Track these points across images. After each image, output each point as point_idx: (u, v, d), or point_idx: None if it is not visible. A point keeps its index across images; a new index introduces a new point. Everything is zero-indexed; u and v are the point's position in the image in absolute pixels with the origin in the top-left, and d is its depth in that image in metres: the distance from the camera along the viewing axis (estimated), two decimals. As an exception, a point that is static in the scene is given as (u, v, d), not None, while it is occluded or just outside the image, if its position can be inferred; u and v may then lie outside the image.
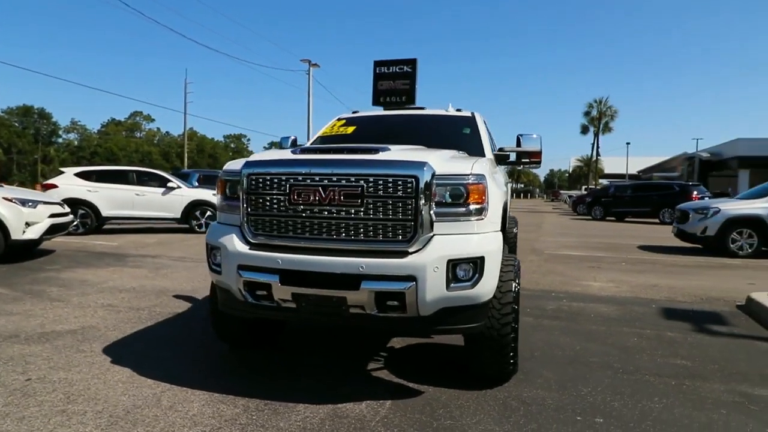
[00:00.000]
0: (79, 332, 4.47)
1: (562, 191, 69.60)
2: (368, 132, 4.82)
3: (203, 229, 13.18)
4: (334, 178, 3.02)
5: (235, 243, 3.23)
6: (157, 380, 3.44)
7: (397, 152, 3.19)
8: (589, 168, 56.58)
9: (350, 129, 4.94)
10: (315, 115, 36.13)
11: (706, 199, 20.77)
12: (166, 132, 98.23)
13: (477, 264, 3.00)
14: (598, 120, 45.88)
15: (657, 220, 22.28)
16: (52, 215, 8.34)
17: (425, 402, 3.21)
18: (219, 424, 2.87)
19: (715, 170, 46.15)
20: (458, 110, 5.20)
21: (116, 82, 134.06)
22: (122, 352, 3.99)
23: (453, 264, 2.95)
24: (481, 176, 3.10)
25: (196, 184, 16.38)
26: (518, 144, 4.56)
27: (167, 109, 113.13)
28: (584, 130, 50.10)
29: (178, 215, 13.05)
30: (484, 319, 3.15)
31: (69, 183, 12.26)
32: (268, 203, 3.18)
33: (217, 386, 3.34)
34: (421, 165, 2.98)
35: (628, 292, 6.73)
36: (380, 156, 3.11)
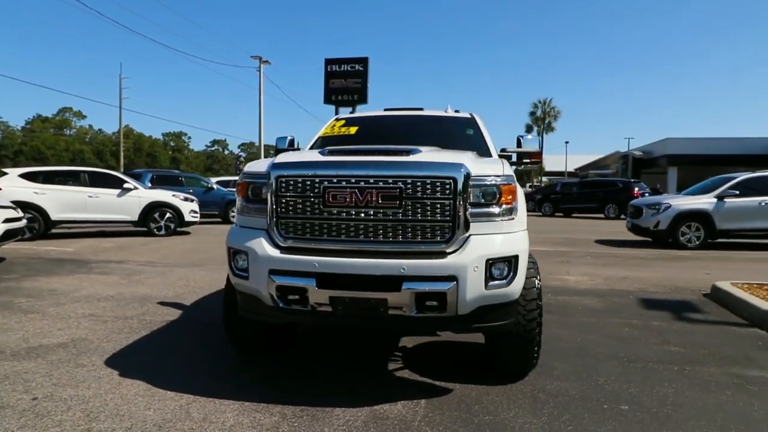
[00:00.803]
0: (70, 345, 4.19)
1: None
2: (372, 132, 4.80)
3: (163, 232, 12.64)
4: (371, 180, 3.01)
5: (264, 247, 3.14)
6: (178, 392, 3.29)
7: (428, 154, 3.22)
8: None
9: (353, 129, 4.91)
10: (266, 114, 35.36)
11: (646, 195, 22.19)
12: (99, 129, 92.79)
13: (511, 262, 3.09)
14: (542, 120, 47.88)
15: (602, 216, 23.56)
16: (6, 220, 7.73)
17: (458, 399, 3.26)
18: (260, 433, 2.79)
19: (647, 168, 49.27)
20: (456, 111, 5.28)
21: (42, 76, 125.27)
22: (127, 364, 3.78)
23: (490, 263, 3.02)
24: (512, 177, 3.19)
25: (149, 185, 15.64)
26: (519, 145, 4.70)
27: (101, 103, 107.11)
28: (529, 129, 52.20)
29: (136, 218, 12.42)
30: (514, 316, 3.25)
31: (13, 185, 11.36)
32: (300, 206, 3.12)
33: (244, 395, 3.25)
34: (458, 166, 3.02)
35: (603, 285, 7.09)
36: (415, 157, 3.13)
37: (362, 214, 3.03)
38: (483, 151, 4.34)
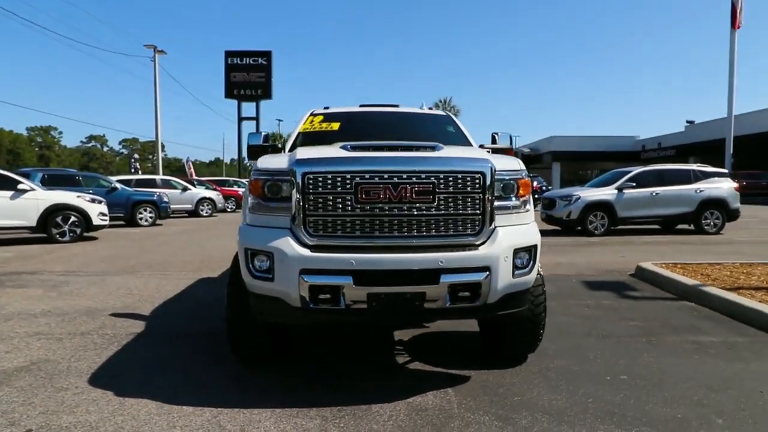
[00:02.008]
0: (33, 368, 3.67)
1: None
2: (357, 129, 4.77)
3: (67, 238, 11.34)
4: (404, 176, 3.03)
5: (293, 246, 3.03)
6: (196, 406, 3.05)
7: (451, 150, 3.31)
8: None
9: (335, 125, 4.83)
10: (162, 109, 32.58)
11: (544, 187, 24.23)
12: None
13: (531, 252, 3.29)
14: (443, 118, 50.06)
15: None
16: None
17: (481, 385, 3.41)
18: (310, 438, 2.71)
19: (534, 163, 53.73)
20: (430, 108, 5.41)
21: None
22: (118, 382, 3.41)
23: (516, 253, 3.19)
24: (526, 172, 3.39)
25: (39, 184, 13.89)
26: (493, 141, 4.95)
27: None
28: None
29: (34, 223, 10.98)
30: (528, 302, 3.46)
31: None
32: (330, 203, 3.05)
33: (270, 402, 3.11)
34: (485, 162, 3.15)
35: (544, 271, 7.65)
36: (442, 153, 3.20)
37: (396, 210, 3.04)
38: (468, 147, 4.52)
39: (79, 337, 4.42)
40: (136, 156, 38.21)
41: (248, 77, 39.71)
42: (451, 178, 3.07)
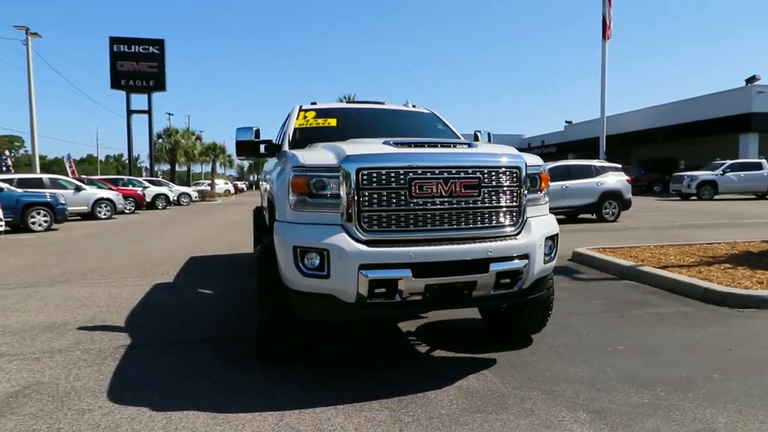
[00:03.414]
0: (31, 393, 3.24)
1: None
2: (354, 125, 4.78)
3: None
4: (453, 171, 3.18)
5: (350, 242, 3.03)
6: (250, 412, 2.94)
7: (486, 146, 3.51)
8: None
9: (332, 121, 4.79)
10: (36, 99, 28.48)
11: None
12: None
13: (555, 240, 3.62)
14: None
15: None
16: None
17: (509, 365, 3.67)
18: (388, 428, 2.76)
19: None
20: (414, 106, 5.56)
21: None
22: (145, 397, 3.15)
23: (545, 241, 3.49)
24: (546, 166, 3.71)
25: None
26: (476, 138, 5.26)
27: None
28: (332, 123, 54.08)
29: None
30: (547, 287, 3.79)
31: None
32: (385, 198, 3.10)
33: (325, 400, 3.09)
34: (521, 157, 3.41)
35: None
36: (481, 149, 3.39)
37: (446, 203, 3.18)
38: (461, 144, 4.77)
39: (58, 355, 3.95)
40: (8, 153, 33.41)
41: (138, 67, 36.71)
42: (494, 173, 3.28)
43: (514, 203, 3.36)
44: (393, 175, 3.10)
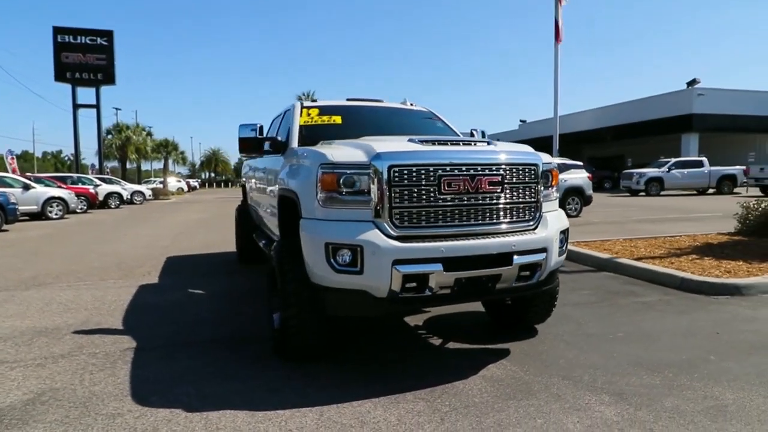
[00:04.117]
0: (47, 399, 3.11)
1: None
2: (358, 123, 4.81)
3: None
4: (478, 168, 3.29)
5: (383, 238, 3.09)
6: (288, 408, 2.95)
7: (504, 144, 3.64)
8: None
9: (336, 119, 4.80)
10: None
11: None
12: None
13: (566, 234, 3.80)
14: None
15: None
16: None
17: (523, 354, 3.83)
18: (429, 417, 2.84)
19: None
20: (412, 104, 5.63)
21: None
22: (175, 398, 3.09)
23: (559, 235, 3.66)
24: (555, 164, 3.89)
25: None
26: (472, 136, 5.40)
27: None
28: (290, 120, 53.25)
29: None
30: (556, 278, 3.97)
31: None
32: (416, 194, 3.17)
33: (360, 393, 3.14)
34: (538, 155, 3.56)
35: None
36: (501, 147, 3.52)
37: (473, 199, 3.29)
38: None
39: (63, 360, 3.79)
40: None
41: (85, 59, 34.93)
42: (515, 170, 3.42)
43: (533, 199, 3.51)
44: (423, 172, 3.17)
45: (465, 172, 3.25)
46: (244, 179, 8.31)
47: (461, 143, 3.53)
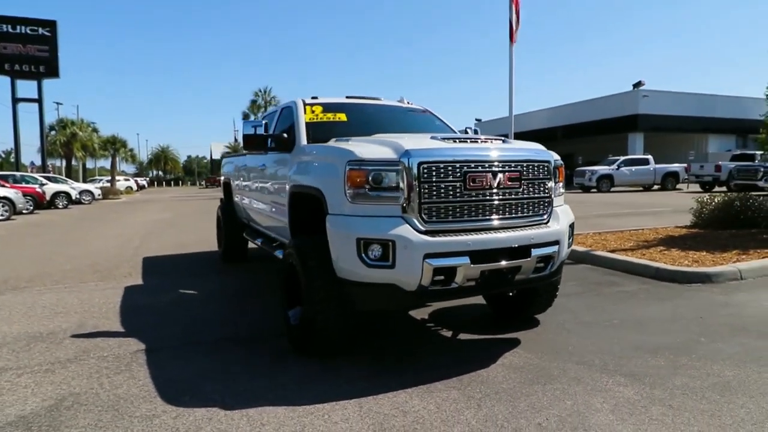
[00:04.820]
0: (71, 405, 3.01)
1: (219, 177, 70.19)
2: (363, 121, 4.86)
3: None
4: (500, 164, 3.44)
5: (414, 233, 3.18)
6: (326, 402, 3.00)
7: (517, 142, 3.80)
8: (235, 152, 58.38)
9: (341, 116, 4.83)
10: None
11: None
12: None
13: (572, 227, 4.02)
14: (264, 108, 48.65)
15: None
16: None
17: (534, 343, 4.02)
18: (466, 404, 2.96)
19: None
20: (409, 103, 5.72)
21: None
22: (207, 397, 3.07)
23: (568, 228, 3.87)
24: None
25: None
26: (466, 134, 5.56)
27: None
28: (246, 117, 52.09)
29: None
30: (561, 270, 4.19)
31: None
32: (443, 190, 3.28)
33: (393, 385, 3.22)
34: (549, 153, 3.75)
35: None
36: (516, 144, 3.68)
37: (494, 194, 3.43)
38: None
39: (72, 365, 3.66)
40: None
41: (25, 50, 32.88)
42: (531, 166, 3.59)
43: (546, 194, 3.70)
44: (450, 168, 3.29)
45: (488, 169, 3.39)
46: (225, 178, 8.16)
47: (479, 140, 3.67)
